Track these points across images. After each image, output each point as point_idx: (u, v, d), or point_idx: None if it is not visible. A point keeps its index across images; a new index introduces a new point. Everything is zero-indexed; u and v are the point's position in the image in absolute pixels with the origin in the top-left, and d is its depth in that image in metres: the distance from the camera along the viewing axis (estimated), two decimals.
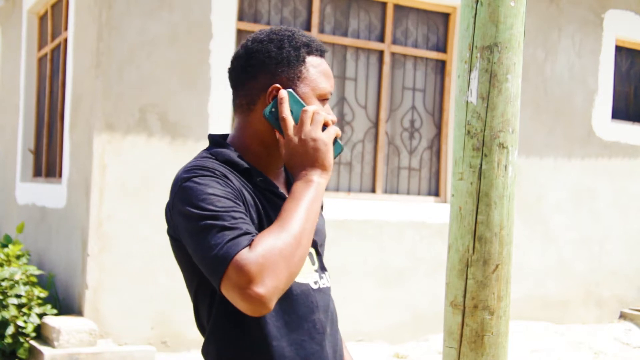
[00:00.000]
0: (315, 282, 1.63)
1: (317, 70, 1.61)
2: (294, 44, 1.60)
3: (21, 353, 5.16)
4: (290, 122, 1.55)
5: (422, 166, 6.71)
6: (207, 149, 1.61)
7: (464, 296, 1.34)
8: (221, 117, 5.66)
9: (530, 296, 6.92)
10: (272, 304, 1.35)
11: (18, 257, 5.64)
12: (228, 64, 6.33)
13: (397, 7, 6.53)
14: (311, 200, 1.47)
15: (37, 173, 7.42)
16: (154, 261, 5.42)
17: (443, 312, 1.40)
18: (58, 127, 6.68)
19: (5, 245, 6.00)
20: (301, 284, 1.58)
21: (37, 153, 7.45)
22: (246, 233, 1.39)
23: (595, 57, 7.28)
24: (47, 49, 7.14)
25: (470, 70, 1.34)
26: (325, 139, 1.53)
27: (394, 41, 6.53)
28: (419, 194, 6.69)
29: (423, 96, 6.70)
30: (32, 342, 5.17)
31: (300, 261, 1.41)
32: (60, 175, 6.46)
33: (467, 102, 1.34)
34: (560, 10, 7.08)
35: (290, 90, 1.57)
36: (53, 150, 6.89)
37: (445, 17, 6.75)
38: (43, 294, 5.39)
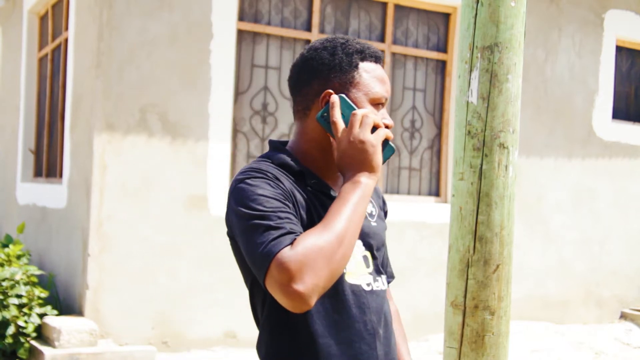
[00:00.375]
0: (368, 284, 1.66)
1: (370, 76, 1.65)
2: (346, 50, 1.65)
3: (22, 353, 5.16)
4: (341, 125, 1.59)
5: (422, 166, 6.71)
6: (265, 153, 1.69)
7: (465, 296, 1.33)
8: (221, 117, 5.66)
9: (531, 296, 6.92)
10: (313, 300, 1.40)
11: (19, 257, 5.64)
12: (228, 64, 6.29)
13: (398, 7, 6.53)
14: (357, 201, 1.51)
15: (37, 173, 7.42)
16: (154, 261, 5.42)
17: (443, 312, 1.39)
18: (58, 127, 6.68)
19: (5, 246, 6.00)
20: (353, 285, 1.62)
21: (37, 153, 7.46)
22: (289, 232, 1.44)
23: (595, 58, 7.28)
24: (48, 49, 7.14)
25: (471, 71, 1.33)
26: (372, 140, 1.56)
27: (395, 41, 6.53)
28: (419, 194, 6.70)
29: (423, 96, 6.70)
30: (33, 342, 5.17)
31: (343, 260, 1.45)
32: (60, 176, 6.46)
33: (467, 102, 1.34)
34: (560, 10, 7.08)
35: (342, 95, 1.62)
36: (53, 150, 6.90)
37: (446, 17, 6.75)
38: (44, 294, 5.39)
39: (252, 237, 1.46)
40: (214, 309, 5.58)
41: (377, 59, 1.68)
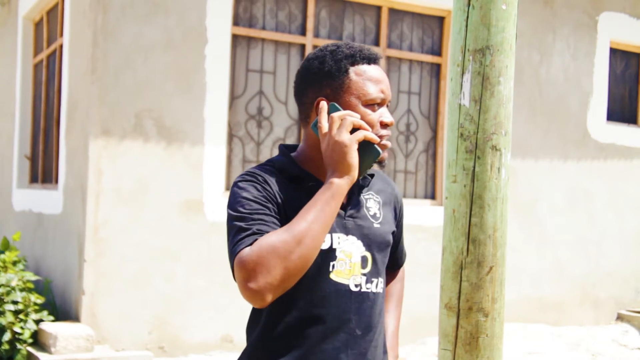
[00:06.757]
0: (357, 285, 1.69)
1: (361, 78, 1.68)
2: (335, 57, 1.69)
3: (18, 359, 5.15)
4: (324, 129, 1.63)
5: (418, 169, 6.72)
6: (271, 157, 1.78)
7: (459, 298, 1.34)
8: (217, 122, 5.67)
9: (527, 298, 6.92)
10: (268, 297, 1.48)
11: (14, 264, 5.63)
12: (223, 69, 6.27)
13: (392, 11, 6.54)
14: (324, 201, 1.56)
15: (33, 179, 7.41)
16: (150, 266, 5.42)
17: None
18: (54, 133, 6.67)
19: (1, 252, 5.99)
20: (337, 283, 1.67)
21: (33, 159, 7.45)
22: (255, 233, 1.53)
23: (590, 60, 7.30)
24: (43, 55, 7.14)
25: (463, 73, 1.34)
26: (346, 141, 1.59)
27: (389, 45, 6.54)
28: (415, 197, 6.70)
29: (419, 99, 6.71)
30: (29, 349, 5.16)
31: (301, 260, 1.49)
32: (56, 181, 6.46)
33: (459, 105, 1.35)
34: (554, 13, 7.10)
35: (333, 103, 1.66)
36: (49, 156, 6.89)
37: (440, 20, 6.77)
38: (40, 300, 5.38)
39: (229, 236, 1.57)
40: (210, 313, 5.58)
41: (371, 60, 1.70)
